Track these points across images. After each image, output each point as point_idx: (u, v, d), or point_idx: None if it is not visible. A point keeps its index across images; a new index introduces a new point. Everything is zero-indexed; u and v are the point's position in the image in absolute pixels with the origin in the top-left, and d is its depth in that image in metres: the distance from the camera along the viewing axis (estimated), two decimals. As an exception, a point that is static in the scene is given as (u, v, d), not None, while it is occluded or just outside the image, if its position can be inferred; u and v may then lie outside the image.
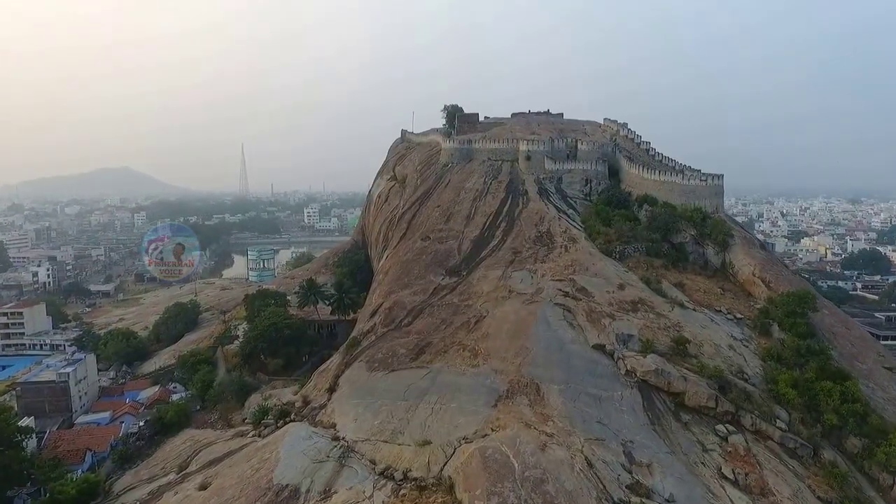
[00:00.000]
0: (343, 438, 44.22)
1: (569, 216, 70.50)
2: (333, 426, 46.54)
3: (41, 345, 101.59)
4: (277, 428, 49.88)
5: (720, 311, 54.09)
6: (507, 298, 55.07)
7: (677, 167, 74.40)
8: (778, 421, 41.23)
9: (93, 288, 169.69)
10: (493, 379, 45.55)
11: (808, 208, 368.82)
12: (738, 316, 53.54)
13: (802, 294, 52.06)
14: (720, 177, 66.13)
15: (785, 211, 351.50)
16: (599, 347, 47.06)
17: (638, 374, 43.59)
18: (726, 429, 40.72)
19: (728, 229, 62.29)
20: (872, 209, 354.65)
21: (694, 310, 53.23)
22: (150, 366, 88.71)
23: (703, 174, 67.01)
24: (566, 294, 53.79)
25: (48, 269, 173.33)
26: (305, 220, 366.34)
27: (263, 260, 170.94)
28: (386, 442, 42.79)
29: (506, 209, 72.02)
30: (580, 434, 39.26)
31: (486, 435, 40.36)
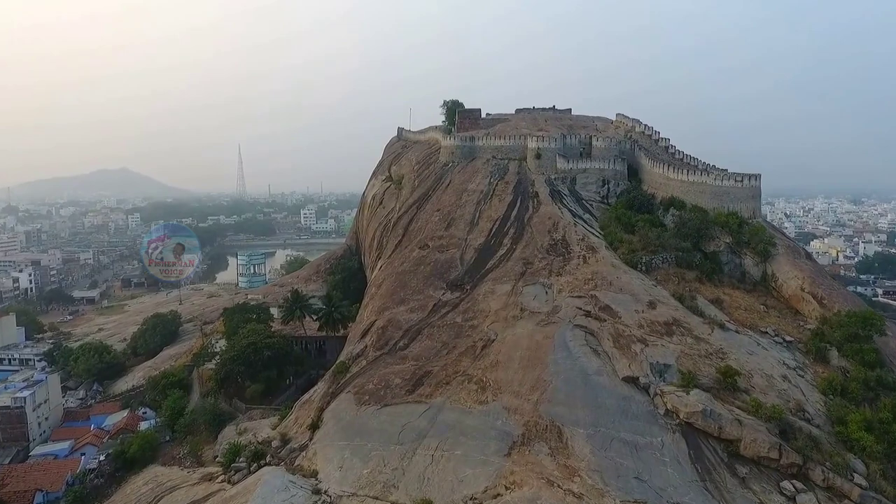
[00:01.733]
0: (325, 492, 37.05)
1: (585, 221, 62.84)
2: (315, 474, 39.40)
3: (9, 359, 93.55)
4: (250, 473, 42.70)
5: (766, 332, 46.47)
6: (518, 318, 47.61)
7: (700, 166, 66.91)
8: (855, 475, 33.70)
9: (76, 294, 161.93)
10: (504, 419, 38.20)
11: (811, 209, 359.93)
12: (788, 338, 45.88)
13: (866, 314, 44.35)
14: (757, 177, 58.18)
15: (788, 212, 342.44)
16: (631, 380, 39.49)
17: (681, 416, 36.09)
18: (793, 486, 33.16)
19: (769, 237, 54.55)
20: (876, 210, 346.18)
21: (737, 331, 45.62)
22: (124, 384, 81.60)
23: (739, 174, 59.02)
24: (588, 314, 46.24)
25: (30, 275, 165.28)
26: (302, 222, 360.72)
27: (254, 265, 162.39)
28: (376, 498, 35.52)
29: (514, 213, 64.37)
30: (615, 495, 31.93)
31: (498, 494, 33.06)
